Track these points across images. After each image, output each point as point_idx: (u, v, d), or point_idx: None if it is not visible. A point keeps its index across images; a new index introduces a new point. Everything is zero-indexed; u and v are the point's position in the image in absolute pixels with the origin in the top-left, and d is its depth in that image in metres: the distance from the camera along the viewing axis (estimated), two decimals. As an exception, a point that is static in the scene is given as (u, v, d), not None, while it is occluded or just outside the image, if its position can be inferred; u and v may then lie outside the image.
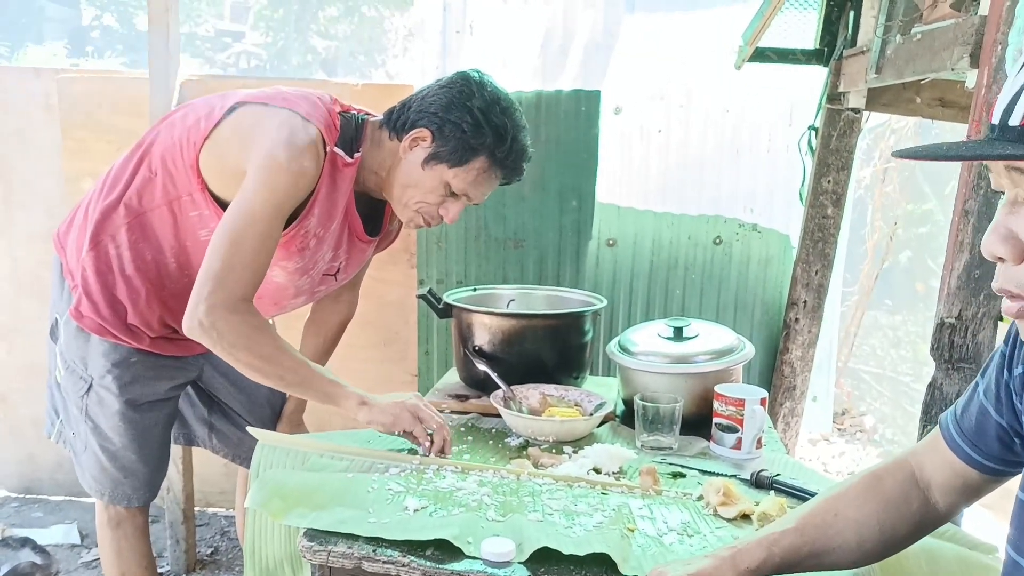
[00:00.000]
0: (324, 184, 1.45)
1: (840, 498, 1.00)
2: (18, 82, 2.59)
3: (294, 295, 1.66)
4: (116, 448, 1.63)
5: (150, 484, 1.70)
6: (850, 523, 0.97)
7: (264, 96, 1.47)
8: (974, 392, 0.96)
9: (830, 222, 2.64)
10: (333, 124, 1.46)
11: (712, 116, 2.70)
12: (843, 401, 4.63)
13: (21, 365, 2.73)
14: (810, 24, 2.63)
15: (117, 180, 1.54)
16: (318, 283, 1.66)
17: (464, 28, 2.62)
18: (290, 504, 1.19)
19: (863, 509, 0.98)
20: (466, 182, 1.49)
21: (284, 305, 1.70)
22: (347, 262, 1.67)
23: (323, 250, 1.57)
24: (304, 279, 1.60)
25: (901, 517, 0.98)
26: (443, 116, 1.45)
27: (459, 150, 1.46)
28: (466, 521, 1.17)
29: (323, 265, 1.61)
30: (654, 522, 1.22)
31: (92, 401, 1.60)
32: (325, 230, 1.52)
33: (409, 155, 1.49)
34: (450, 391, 1.83)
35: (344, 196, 1.52)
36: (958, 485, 0.96)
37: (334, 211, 1.52)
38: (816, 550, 0.96)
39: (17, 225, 2.67)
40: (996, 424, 0.91)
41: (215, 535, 2.71)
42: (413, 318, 2.49)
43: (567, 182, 2.71)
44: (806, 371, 2.75)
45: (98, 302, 1.54)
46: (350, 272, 1.72)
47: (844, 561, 0.98)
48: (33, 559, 2.42)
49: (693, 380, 1.62)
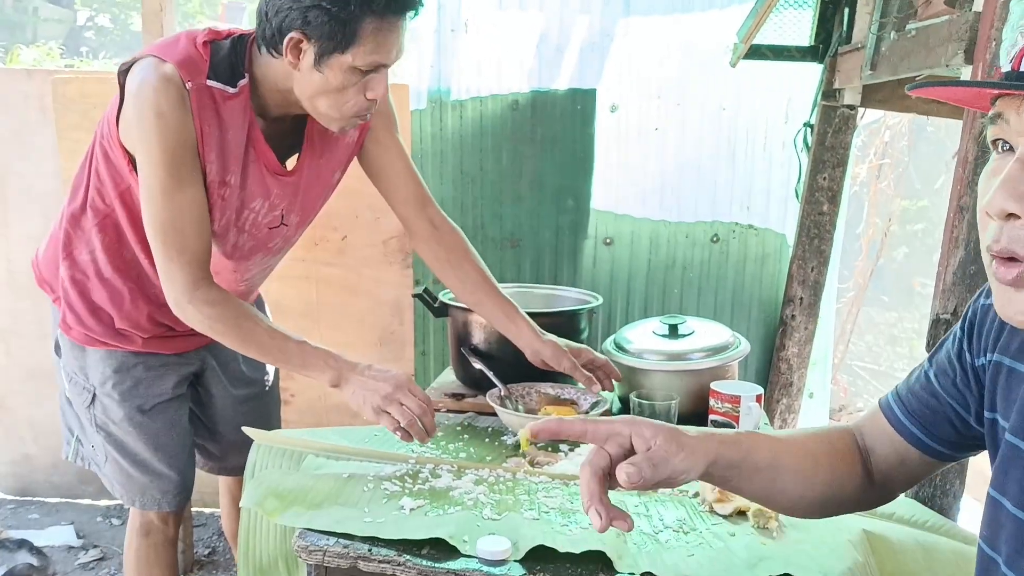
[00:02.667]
0: (206, 124, 1.31)
1: (797, 433, 0.99)
2: (11, 83, 2.59)
3: (247, 256, 1.53)
4: (134, 452, 1.59)
5: (179, 488, 1.64)
6: (807, 453, 0.94)
7: (141, 53, 1.35)
8: (922, 375, 0.95)
9: (826, 219, 2.64)
10: (199, 56, 1.30)
11: (708, 114, 2.69)
12: (839, 397, 4.64)
13: (17, 367, 2.72)
14: (805, 21, 2.63)
15: (78, 184, 1.48)
16: (266, 238, 1.52)
17: (459, 27, 2.61)
18: (286, 503, 1.19)
19: (818, 447, 0.95)
20: (369, 54, 1.28)
21: (245, 270, 1.57)
22: (291, 206, 1.50)
23: (248, 200, 1.43)
24: (244, 237, 1.48)
25: (848, 471, 0.96)
26: (298, 8, 1.25)
27: (338, 30, 1.25)
28: (462, 520, 1.17)
29: (261, 217, 1.47)
30: (650, 519, 1.22)
31: (98, 411, 1.57)
32: (234, 175, 1.38)
33: (299, 65, 1.30)
34: (446, 390, 1.83)
35: (241, 131, 1.36)
36: (895, 463, 0.96)
37: (235, 150, 1.36)
38: (775, 462, 0.91)
39: (12, 227, 2.66)
40: (950, 407, 0.90)
41: (212, 535, 2.71)
42: (409, 317, 2.49)
43: (563, 181, 2.71)
44: (802, 368, 2.76)
45: (80, 313, 1.51)
46: (305, 215, 1.56)
47: (792, 489, 0.93)
48: (30, 561, 2.42)
49: (689, 377, 1.62)
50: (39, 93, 2.53)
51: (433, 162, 2.70)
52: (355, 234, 2.44)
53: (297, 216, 1.54)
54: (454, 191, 2.72)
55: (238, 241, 1.49)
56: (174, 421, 1.62)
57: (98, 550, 2.61)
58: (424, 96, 2.67)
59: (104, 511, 2.83)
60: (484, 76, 2.67)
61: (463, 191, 2.73)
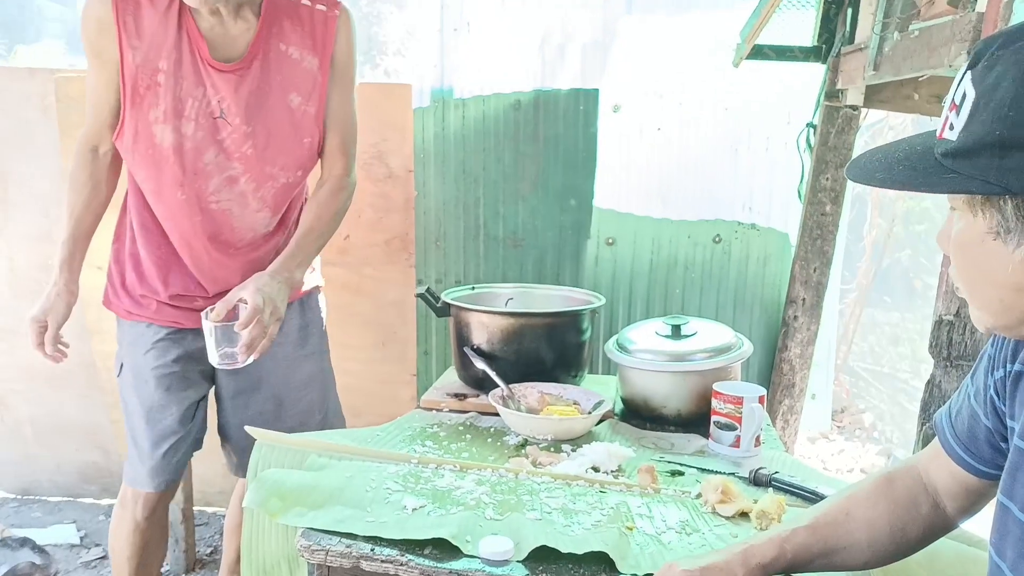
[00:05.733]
0: (127, 14, 1.48)
1: (852, 498, 1.00)
2: (13, 82, 2.58)
3: (199, 150, 1.55)
4: (132, 420, 1.71)
5: (156, 469, 1.71)
6: (861, 523, 0.97)
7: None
8: (965, 395, 0.95)
9: (828, 219, 2.64)
10: None
11: (711, 114, 2.69)
12: (842, 399, 4.63)
13: (19, 366, 2.73)
14: (808, 21, 2.62)
15: None
16: (213, 129, 1.54)
17: (462, 26, 2.61)
18: (288, 503, 1.19)
19: (874, 509, 0.97)
20: None
21: (206, 177, 1.57)
22: (235, 105, 1.54)
23: (189, 87, 1.51)
24: (191, 126, 1.53)
25: (911, 519, 0.98)
26: None
27: None
28: (464, 520, 1.16)
29: (199, 105, 1.53)
30: (652, 520, 1.22)
31: (122, 380, 1.72)
32: (167, 61, 1.49)
33: None
34: (449, 390, 1.83)
35: (168, 16, 1.49)
36: (959, 490, 0.95)
37: (165, 38, 1.49)
38: (827, 548, 0.95)
39: (14, 226, 2.66)
40: (986, 428, 0.90)
41: (215, 535, 2.71)
42: (411, 317, 2.48)
43: (566, 181, 2.71)
44: (805, 369, 2.75)
45: (116, 285, 1.69)
46: (252, 122, 1.56)
47: (854, 561, 0.97)
48: (32, 559, 2.42)
49: (691, 378, 1.62)
50: (41, 92, 2.53)
51: (436, 161, 2.70)
52: (357, 233, 2.44)
53: (241, 119, 1.54)
54: (456, 190, 2.72)
55: (187, 131, 1.54)
56: (172, 400, 1.69)
57: (100, 548, 2.61)
58: (427, 95, 2.67)
59: (106, 510, 2.84)
60: (487, 75, 2.67)
61: (465, 190, 2.73)
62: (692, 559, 0.94)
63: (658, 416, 1.66)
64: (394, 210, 2.43)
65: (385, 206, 2.44)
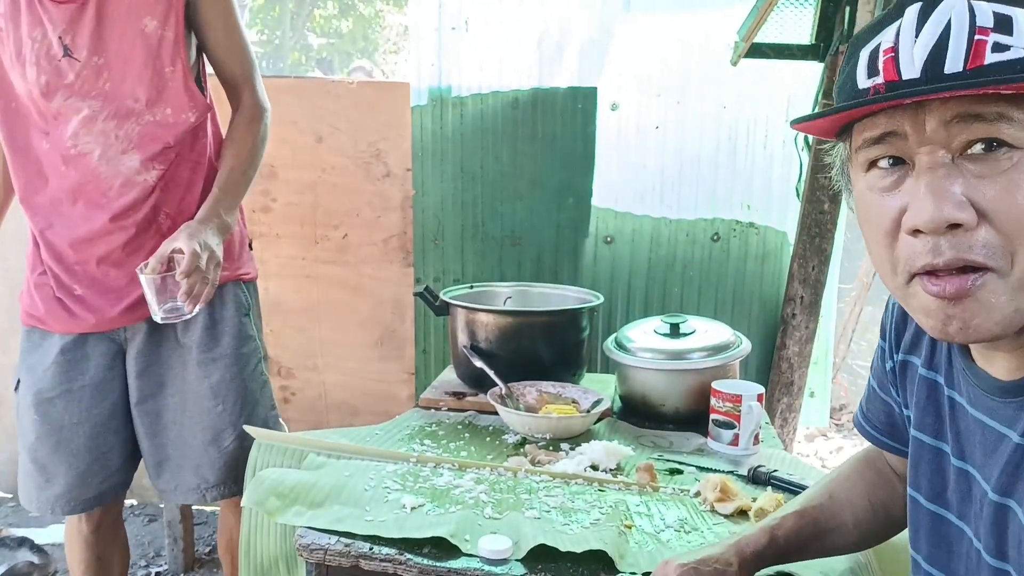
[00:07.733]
0: None
1: (835, 481, 1.02)
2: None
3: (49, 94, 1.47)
4: (31, 443, 1.57)
5: (71, 494, 1.57)
6: (844, 504, 0.98)
7: None
8: (870, 390, 0.98)
9: (827, 217, 2.64)
10: None
11: (709, 112, 2.69)
12: (840, 397, 4.64)
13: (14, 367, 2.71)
14: (806, 19, 2.62)
15: None
16: (54, 73, 1.46)
17: (460, 25, 2.61)
18: (286, 503, 1.19)
19: (854, 490, 1.00)
20: None
21: (64, 121, 1.50)
22: (79, 38, 1.44)
23: (28, 29, 1.44)
24: (31, 69, 1.45)
25: (890, 498, 0.99)
26: None
27: None
28: (463, 519, 1.16)
29: (39, 47, 1.44)
30: (651, 519, 1.22)
31: (19, 396, 1.62)
32: (2, 3, 1.44)
33: None
34: (447, 389, 1.82)
35: None
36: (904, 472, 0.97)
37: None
38: (816, 531, 0.97)
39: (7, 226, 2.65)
40: (900, 416, 0.93)
41: (212, 534, 2.70)
42: (410, 316, 2.48)
43: (564, 179, 2.71)
44: (803, 367, 2.75)
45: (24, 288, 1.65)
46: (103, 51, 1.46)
47: (844, 543, 0.99)
48: (31, 559, 2.42)
49: (690, 376, 1.62)
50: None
51: (434, 160, 2.70)
52: (355, 232, 2.43)
53: (89, 51, 1.45)
54: (455, 189, 2.72)
55: (31, 76, 1.45)
56: (79, 418, 1.57)
57: (98, 548, 2.60)
58: (425, 94, 2.67)
59: (104, 509, 2.83)
60: (485, 73, 2.67)
61: (463, 189, 2.73)
62: (687, 553, 0.94)
63: (657, 414, 1.66)
64: (392, 209, 2.43)
65: (383, 205, 2.44)
